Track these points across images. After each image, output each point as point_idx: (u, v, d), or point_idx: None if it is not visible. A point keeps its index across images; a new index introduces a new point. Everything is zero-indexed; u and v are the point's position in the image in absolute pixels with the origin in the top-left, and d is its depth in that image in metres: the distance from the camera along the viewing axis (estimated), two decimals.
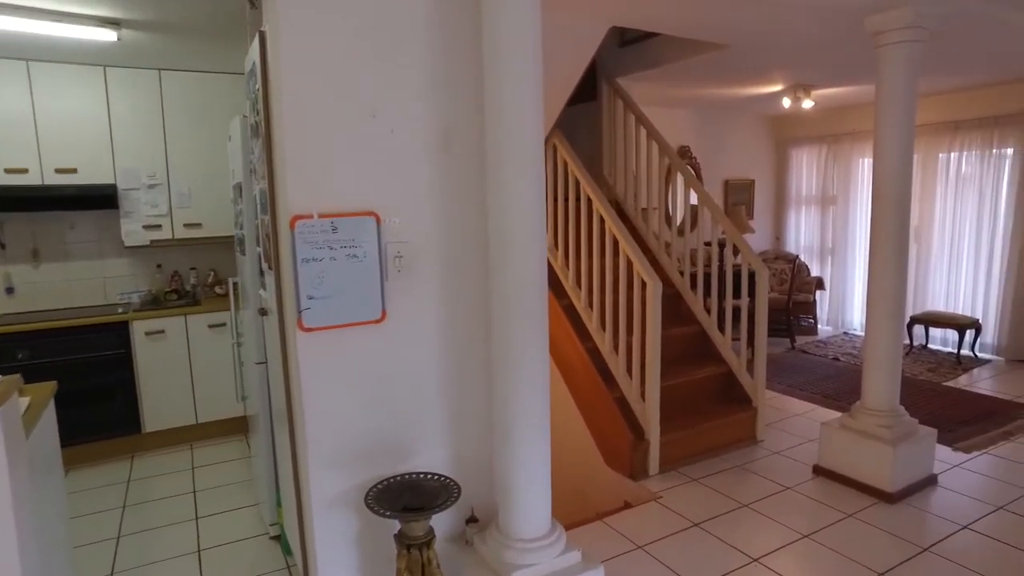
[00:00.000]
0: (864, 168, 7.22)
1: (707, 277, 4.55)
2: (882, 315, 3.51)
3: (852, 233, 7.36)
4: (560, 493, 4.53)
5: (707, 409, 4.17)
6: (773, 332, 7.10)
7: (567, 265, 4.30)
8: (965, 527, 3.16)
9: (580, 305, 4.18)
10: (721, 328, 4.39)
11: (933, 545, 2.99)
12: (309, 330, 2.20)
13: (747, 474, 3.77)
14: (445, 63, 2.36)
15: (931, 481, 3.61)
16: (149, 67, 4.44)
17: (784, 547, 2.99)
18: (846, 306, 7.51)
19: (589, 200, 4.05)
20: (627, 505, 3.65)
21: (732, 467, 3.87)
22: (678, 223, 5.96)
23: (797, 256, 7.21)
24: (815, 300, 7.45)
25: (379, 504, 2.18)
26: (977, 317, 6.24)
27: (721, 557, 2.92)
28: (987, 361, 6.17)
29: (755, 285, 4.11)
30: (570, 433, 4.23)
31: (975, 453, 4.04)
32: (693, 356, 4.51)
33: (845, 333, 7.42)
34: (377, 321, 2.30)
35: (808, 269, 7.70)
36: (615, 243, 3.87)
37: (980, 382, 5.58)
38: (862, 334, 7.33)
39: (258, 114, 2.38)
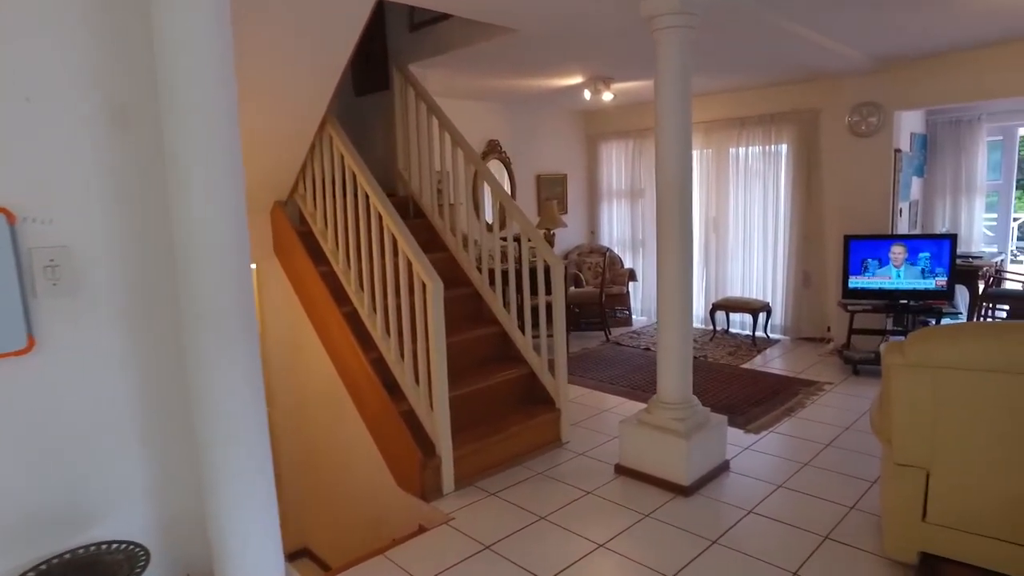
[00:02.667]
0: None
1: (516, 274, 4.33)
2: (670, 309, 3.46)
3: None
4: (351, 523, 4.09)
5: (508, 415, 3.92)
6: (589, 326, 7.14)
7: (349, 268, 3.86)
8: (750, 512, 3.14)
9: (364, 312, 3.76)
10: (521, 327, 4.18)
11: (721, 536, 2.92)
12: None
13: (549, 481, 3.56)
14: (114, 7, 1.83)
15: (724, 468, 3.62)
16: None
17: (577, 562, 2.77)
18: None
19: (367, 196, 3.64)
20: (422, 529, 3.29)
21: (534, 475, 3.64)
22: (487, 219, 5.73)
23: (608, 249, 7.31)
24: (628, 292, 7.60)
25: None
26: (768, 301, 6.64)
27: None
28: (777, 341, 6.58)
29: (551, 281, 3.93)
30: (359, 455, 3.79)
31: (763, 433, 4.15)
32: (494, 358, 4.25)
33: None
34: (21, 352, 1.73)
35: (621, 261, 7.85)
36: (395, 241, 3.49)
37: (771, 361, 5.90)
38: None
39: None
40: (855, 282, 5.42)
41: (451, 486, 3.43)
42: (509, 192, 7.17)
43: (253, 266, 4.42)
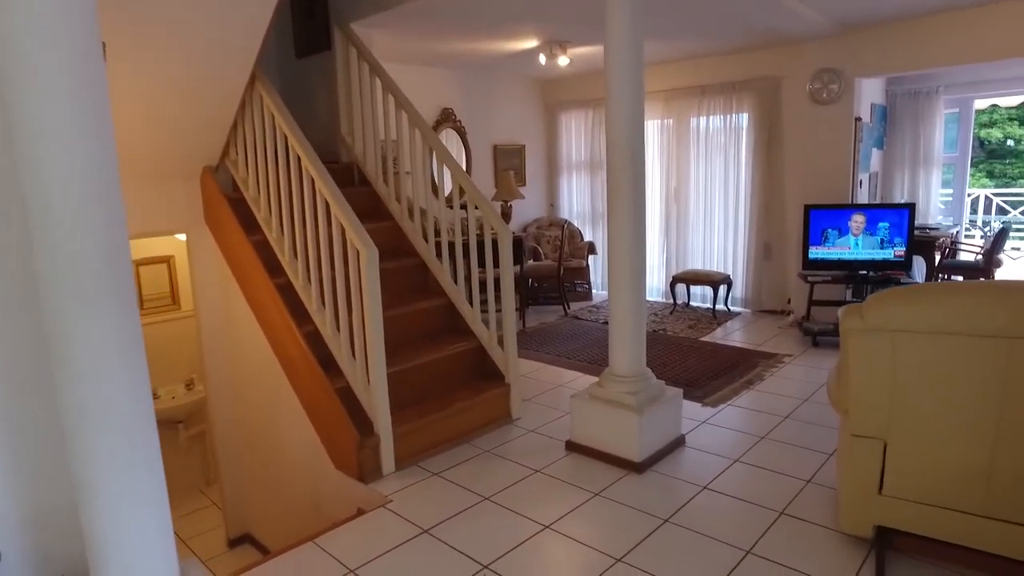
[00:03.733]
0: None
1: (465, 245, 4.11)
2: (622, 278, 3.26)
3: None
4: (292, 507, 3.87)
5: (455, 390, 3.72)
6: (547, 300, 6.97)
7: (283, 236, 3.59)
8: (704, 487, 3.01)
9: (298, 283, 3.51)
10: (470, 299, 3.96)
11: (673, 515, 2.78)
12: None
13: (496, 460, 3.38)
14: None
15: (679, 443, 3.47)
16: None
17: (520, 545, 2.60)
18: None
19: (300, 159, 3.37)
20: (360, 512, 3.09)
21: (481, 453, 3.46)
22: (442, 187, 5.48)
23: (566, 221, 7.11)
24: (588, 265, 7.43)
25: None
26: (728, 273, 6.54)
27: (448, 569, 2.46)
28: (738, 314, 6.49)
29: (499, 249, 3.72)
30: (295, 435, 3.57)
31: (721, 406, 4.03)
32: (442, 332, 4.04)
33: None
34: None
35: (581, 234, 7.67)
36: (328, 207, 3.23)
37: (732, 334, 5.80)
38: None
39: None
40: (815, 252, 5.32)
41: (391, 466, 3.23)
42: (464, 163, 6.91)
43: (182, 236, 4.13)
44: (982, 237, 9.17)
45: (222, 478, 4.37)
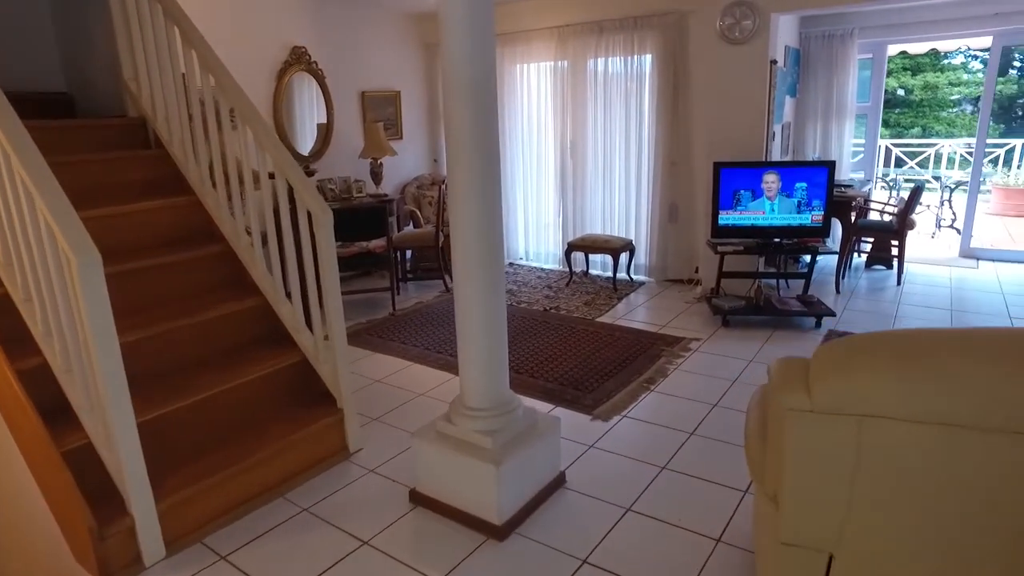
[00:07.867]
0: (522, 75, 6.31)
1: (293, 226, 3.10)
2: (471, 277, 2.39)
3: (512, 150, 6.49)
4: None
5: (268, 426, 2.80)
6: (427, 274, 6.07)
7: None
8: (584, 561, 2.26)
9: (18, 296, 2.45)
10: (292, 298, 3.01)
11: None
12: None
13: (315, 524, 2.51)
14: None
15: (558, 484, 2.71)
16: None
17: None
18: (508, 234, 6.71)
19: None
20: None
21: (298, 513, 2.58)
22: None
23: (443, 180, 6.15)
24: None
25: None
26: (631, 238, 5.82)
27: None
28: (641, 283, 5.81)
29: (316, 235, 2.76)
30: (30, 512, 2.57)
31: (614, 419, 3.30)
32: (262, 342, 3.08)
33: (510, 264, 6.66)
34: None
35: None
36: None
37: (634, 310, 5.11)
38: (528, 263, 6.66)
39: None
40: (725, 218, 4.63)
41: (160, 551, 2.31)
42: (325, 114, 5.79)
43: None
44: (886, 189, 8.89)
45: None
